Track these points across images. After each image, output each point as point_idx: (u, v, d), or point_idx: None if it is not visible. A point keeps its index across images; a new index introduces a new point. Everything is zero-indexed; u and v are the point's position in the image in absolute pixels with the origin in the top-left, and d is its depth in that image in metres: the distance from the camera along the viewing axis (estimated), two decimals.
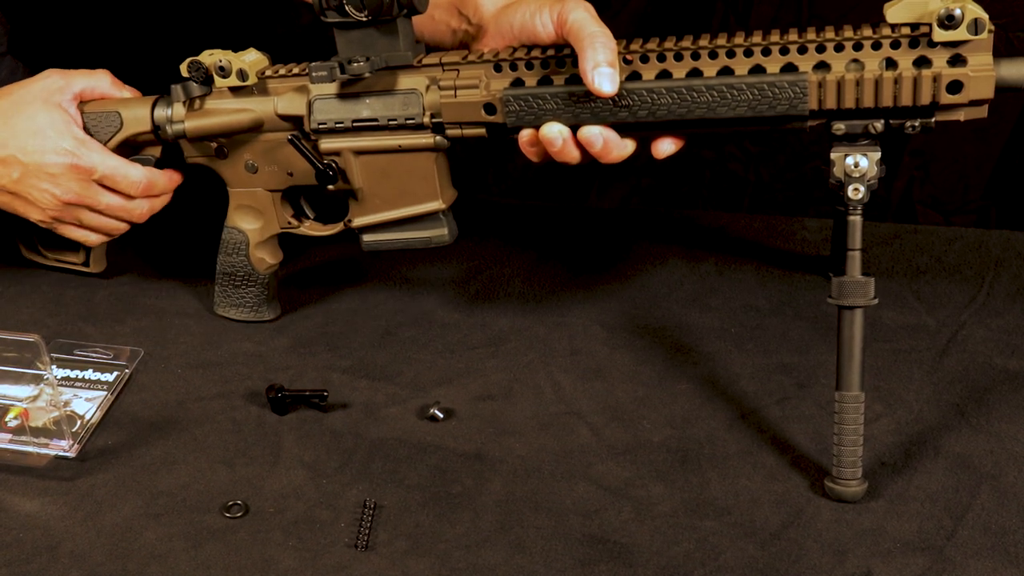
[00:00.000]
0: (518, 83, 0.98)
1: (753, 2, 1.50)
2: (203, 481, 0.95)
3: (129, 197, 1.14)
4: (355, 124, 1.03)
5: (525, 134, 0.98)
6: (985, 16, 0.85)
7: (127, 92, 1.16)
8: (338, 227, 1.11)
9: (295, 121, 1.06)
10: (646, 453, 0.95)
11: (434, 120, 1.01)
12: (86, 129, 1.13)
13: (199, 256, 1.24)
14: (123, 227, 1.18)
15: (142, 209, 1.16)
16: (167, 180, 1.16)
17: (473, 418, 1.01)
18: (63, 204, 1.12)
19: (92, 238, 1.18)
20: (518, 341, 1.12)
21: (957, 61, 0.87)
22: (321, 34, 1.04)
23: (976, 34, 0.85)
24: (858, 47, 0.89)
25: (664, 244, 1.27)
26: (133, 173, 1.12)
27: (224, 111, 1.08)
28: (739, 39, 0.91)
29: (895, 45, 0.88)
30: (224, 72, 1.06)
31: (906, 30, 0.87)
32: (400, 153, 1.04)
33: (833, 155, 0.90)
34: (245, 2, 1.49)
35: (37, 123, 1.08)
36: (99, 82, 1.14)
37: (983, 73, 0.86)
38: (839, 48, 0.89)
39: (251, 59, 1.07)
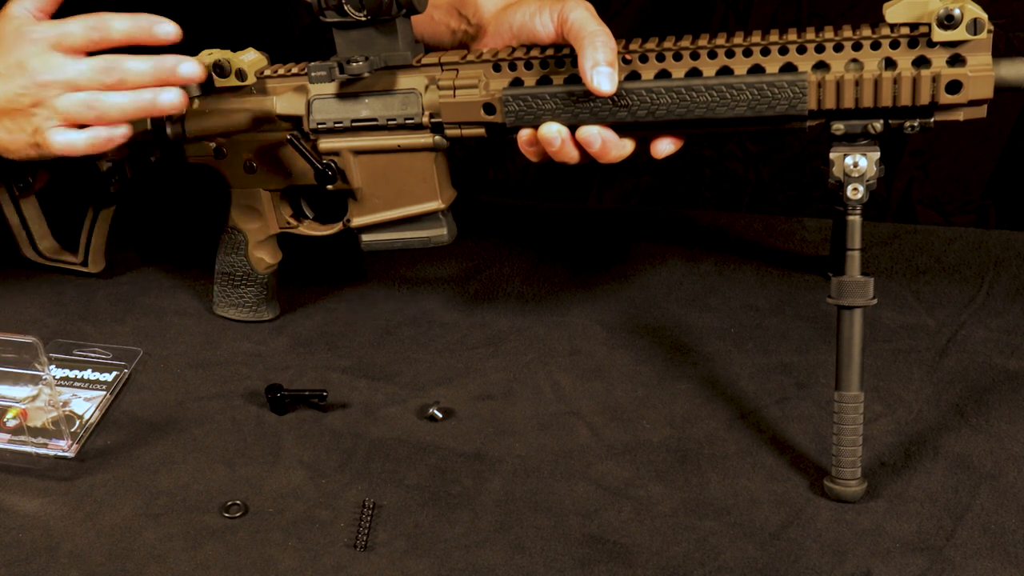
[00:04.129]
0: (517, 83, 0.98)
1: (753, 1, 1.50)
2: (202, 481, 0.95)
3: (84, 53, 0.99)
4: (354, 124, 1.03)
5: (524, 134, 0.98)
6: (984, 16, 0.85)
7: None
8: (337, 227, 1.11)
9: (294, 121, 1.06)
10: (646, 453, 0.95)
11: (433, 120, 1.01)
12: None
13: (199, 256, 1.24)
14: (108, 107, 0.99)
15: (112, 67, 0.98)
16: (122, 23, 0.98)
17: (473, 418, 1.01)
18: (36, 86, 0.98)
19: (78, 140, 1.00)
20: (518, 341, 1.12)
21: (956, 61, 0.87)
22: (320, 34, 1.04)
23: (975, 34, 0.85)
24: (857, 47, 0.89)
25: (664, 244, 1.27)
26: (78, 20, 0.98)
27: (223, 111, 1.08)
28: (738, 39, 0.91)
29: (894, 45, 0.88)
30: (223, 72, 1.06)
31: (905, 30, 0.87)
32: (399, 153, 1.04)
33: (832, 155, 0.90)
34: (245, 2, 1.49)
35: (9, 31, 1.00)
36: None
37: (982, 73, 0.86)
38: (838, 48, 0.89)
39: (250, 59, 1.07)
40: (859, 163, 0.88)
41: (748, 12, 1.50)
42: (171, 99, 0.99)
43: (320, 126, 1.04)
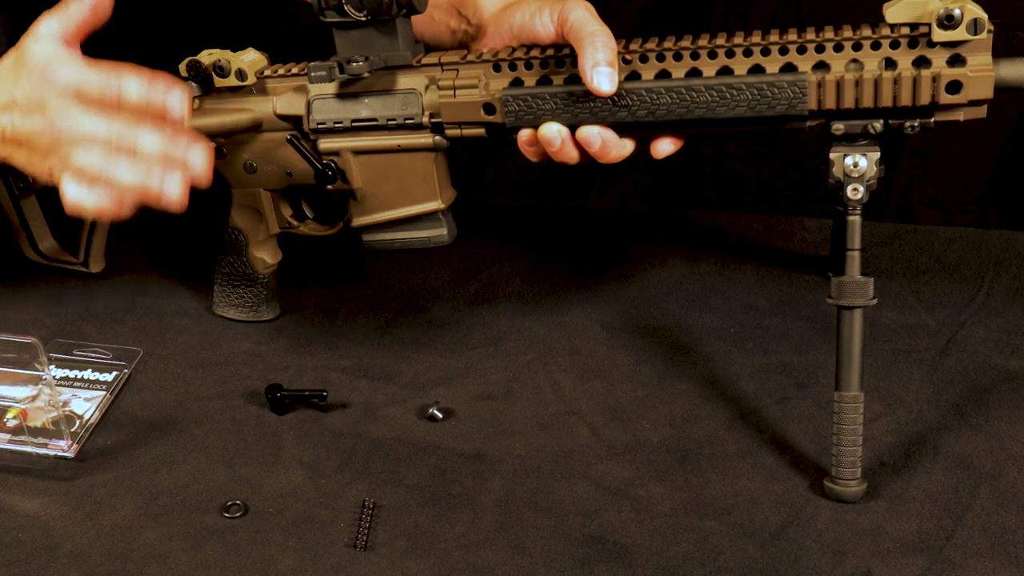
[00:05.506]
0: (517, 83, 0.98)
1: (753, 1, 1.50)
2: (202, 481, 0.95)
3: (111, 110, 0.97)
4: (354, 124, 1.03)
5: (524, 134, 0.98)
6: (984, 16, 0.85)
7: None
8: (337, 227, 1.11)
9: (294, 121, 1.06)
10: (646, 453, 0.95)
11: (433, 120, 1.01)
12: None
13: (199, 256, 1.24)
14: (117, 177, 0.97)
15: (122, 138, 0.96)
16: (138, 87, 0.94)
17: (473, 418, 1.01)
18: (51, 129, 0.96)
19: (87, 200, 0.98)
20: (518, 341, 1.12)
21: (956, 61, 0.87)
22: (320, 34, 1.04)
23: (975, 34, 0.85)
24: (857, 47, 0.89)
25: (664, 244, 1.27)
26: (99, 73, 0.95)
27: (223, 111, 1.08)
28: (738, 39, 0.91)
29: (894, 45, 0.88)
30: (223, 72, 1.06)
31: (905, 30, 0.87)
32: (399, 153, 1.04)
33: (832, 155, 0.89)
34: (245, 2, 1.49)
35: (33, 61, 0.98)
36: (71, 9, 1.00)
37: (982, 73, 0.86)
38: (838, 48, 0.89)
39: (250, 59, 1.07)
40: (859, 163, 0.88)
41: (748, 12, 1.50)
42: (174, 191, 0.97)
43: (320, 126, 1.04)
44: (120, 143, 0.96)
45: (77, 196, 0.98)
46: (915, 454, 0.92)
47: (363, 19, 0.96)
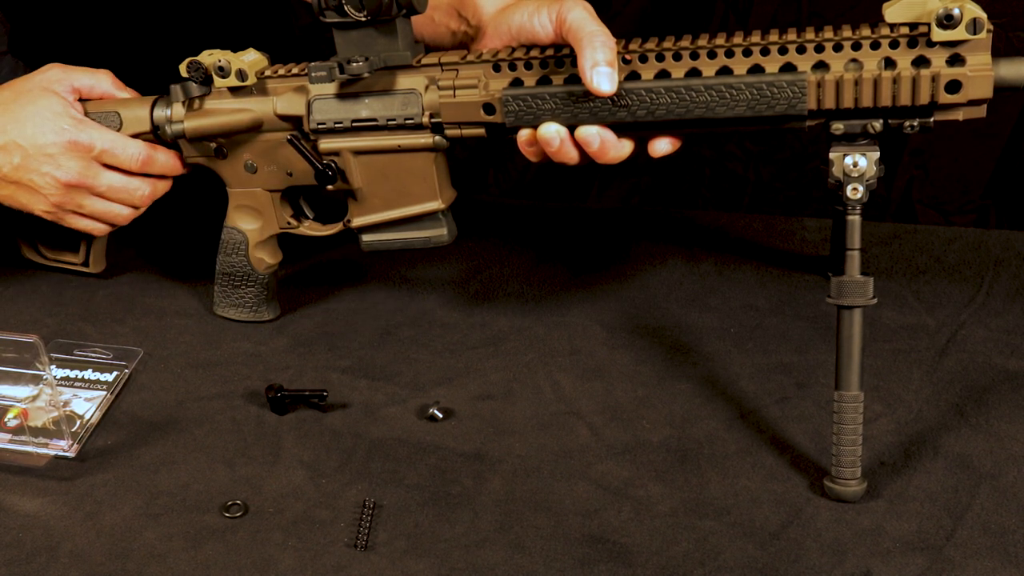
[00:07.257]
0: (517, 83, 0.98)
1: (753, 1, 1.50)
2: (203, 481, 0.95)
3: (129, 174, 1.13)
4: (354, 124, 1.03)
5: (524, 134, 0.98)
6: (984, 16, 0.85)
7: (128, 93, 1.16)
8: (337, 227, 1.11)
9: (294, 121, 1.06)
10: (645, 453, 0.95)
11: (433, 120, 1.02)
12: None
13: (199, 256, 1.24)
14: (126, 213, 1.16)
15: (143, 191, 1.15)
16: (166, 158, 1.14)
17: (473, 418, 1.01)
18: (64, 187, 1.11)
19: (97, 227, 1.17)
20: (517, 341, 1.12)
21: (956, 61, 0.87)
22: (320, 34, 1.04)
23: (975, 34, 0.85)
24: (857, 47, 0.89)
25: (664, 244, 1.27)
26: (132, 146, 1.12)
27: (223, 111, 1.08)
28: (738, 39, 0.92)
29: (894, 45, 0.88)
30: (223, 72, 1.06)
31: (905, 30, 0.87)
32: (399, 153, 1.04)
33: (832, 155, 0.90)
34: (245, 2, 1.49)
35: (36, 108, 1.09)
36: (99, 81, 1.15)
37: (982, 73, 0.86)
38: (838, 48, 0.89)
39: (250, 59, 1.07)
40: (859, 163, 0.88)
41: (748, 12, 1.50)
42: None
43: (320, 126, 1.04)
44: (123, 194, 1.15)
45: (88, 225, 1.17)
46: (915, 454, 0.92)
47: (363, 19, 0.96)
